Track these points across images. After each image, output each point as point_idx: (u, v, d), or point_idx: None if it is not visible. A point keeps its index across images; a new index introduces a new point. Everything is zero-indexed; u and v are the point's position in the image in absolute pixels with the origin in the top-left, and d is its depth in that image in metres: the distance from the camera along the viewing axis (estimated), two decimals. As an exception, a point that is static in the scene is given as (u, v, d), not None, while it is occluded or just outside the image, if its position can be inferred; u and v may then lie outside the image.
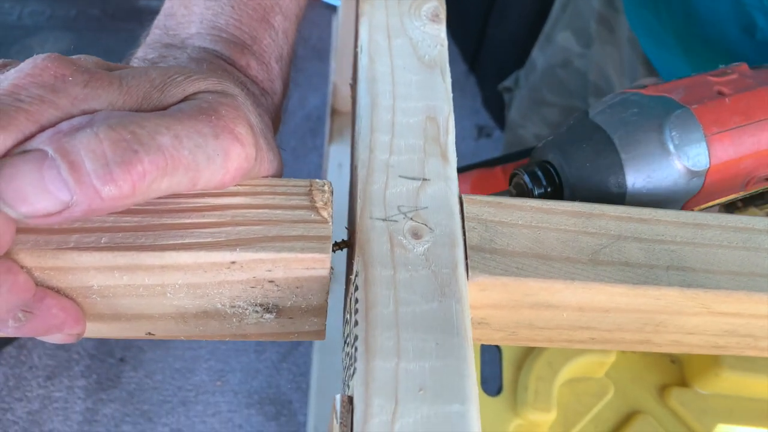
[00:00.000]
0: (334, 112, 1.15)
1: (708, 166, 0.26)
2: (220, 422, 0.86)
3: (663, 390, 0.46)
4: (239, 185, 0.21)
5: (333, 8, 1.48)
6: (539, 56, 0.72)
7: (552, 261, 0.22)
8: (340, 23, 1.00)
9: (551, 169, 0.27)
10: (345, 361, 0.22)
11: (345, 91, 1.14)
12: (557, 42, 0.68)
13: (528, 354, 0.43)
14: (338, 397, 0.18)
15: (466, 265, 0.21)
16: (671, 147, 0.25)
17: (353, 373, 0.19)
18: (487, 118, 1.17)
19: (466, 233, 0.22)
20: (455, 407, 0.18)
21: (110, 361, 0.89)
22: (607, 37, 0.59)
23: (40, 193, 0.17)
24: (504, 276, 0.21)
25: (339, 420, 0.18)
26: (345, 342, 0.23)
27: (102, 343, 0.91)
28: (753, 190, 0.29)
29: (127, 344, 0.92)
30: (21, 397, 0.87)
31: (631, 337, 0.25)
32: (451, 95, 0.26)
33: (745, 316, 0.24)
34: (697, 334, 0.25)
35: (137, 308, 0.21)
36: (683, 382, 0.47)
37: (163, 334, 0.23)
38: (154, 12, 1.04)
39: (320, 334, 0.24)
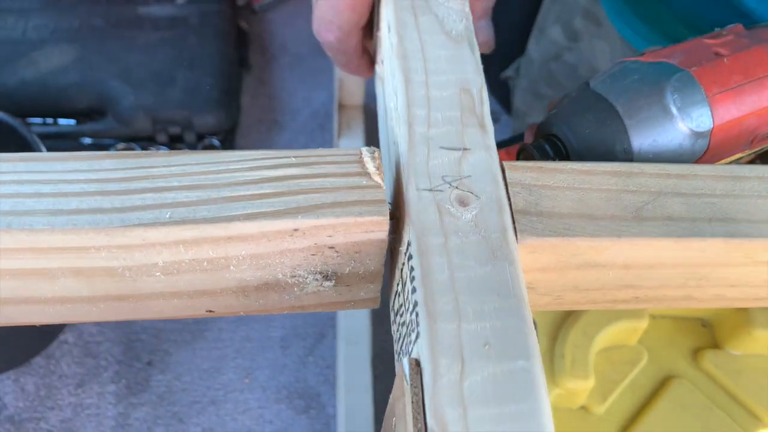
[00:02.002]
0: (342, 106, 1.16)
1: (711, 126, 0.26)
2: (250, 419, 0.87)
3: (696, 354, 0.47)
4: (288, 158, 0.22)
5: (331, 3, 1.48)
6: (534, 48, 0.72)
7: (597, 220, 0.22)
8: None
9: (558, 141, 0.27)
10: (400, 331, 0.23)
11: (351, 85, 1.15)
12: (549, 35, 0.68)
13: (561, 324, 0.44)
14: (405, 360, 0.19)
15: (515, 228, 0.22)
16: (674, 110, 0.25)
17: (416, 337, 0.19)
18: (494, 103, 1.17)
19: (511, 198, 0.22)
20: (520, 363, 0.18)
21: (138, 366, 0.90)
22: (594, 31, 0.59)
23: None
24: (552, 237, 0.22)
25: (409, 382, 0.18)
26: (397, 313, 0.24)
27: (128, 348, 0.92)
28: (758, 147, 0.29)
29: (153, 348, 0.93)
30: (53, 406, 0.88)
31: (673, 293, 0.26)
32: (482, 67, 0.26)
33: (788, 263, 0.24)
34: (739, 286, 0.26)
35: (199, 284, 0.22)
36: (715, 345, 0.47)
37: (223, 310, 0.24)
38: (155, 19, 1.05)
39: (375, 301, 0.25)
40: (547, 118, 0.28)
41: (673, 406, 0.44)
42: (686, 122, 0.25)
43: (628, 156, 0.26)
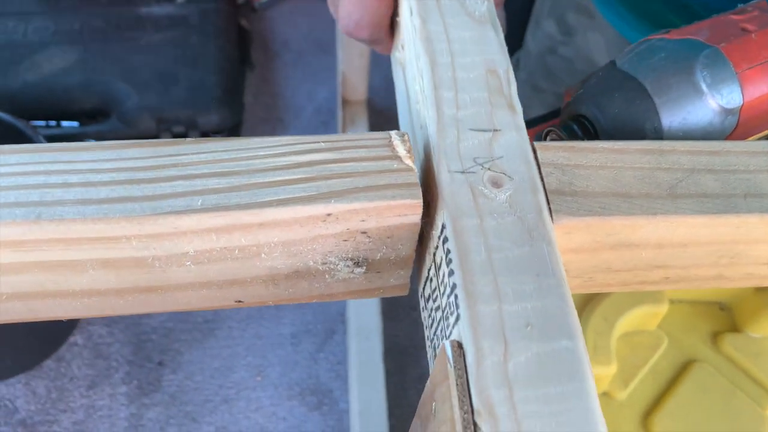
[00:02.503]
0: (345, 102, 1.15)
1: (741, 102, 0.26)
2: (263, 417, 0.87)
3: (716, 337, 0.46)
4: (317, 143, 0.21)
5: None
6: (531, 40, 0.72)
7: (632, 198, 0.22)
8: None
9: (586, 122, 0.27)
10: (433, 316, 0.23)
11: (354, 80, 1.15)
12: (544, 28, 0.68)
13: (582, 310, 0.43)
14: (447, 343, 0.18)
15: (549, 209, 0.21)
16: (704, 87, 0.25)
17: (456, 320, 0.19)
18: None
19: (544, 179, 0.22)
20: (564, 343, 0.18)
21: (149, 366, 0.90)
22: (588, 24, 0.59)
23: None
24: (588, 216, 0.21)
25: (453, 364, 0.18)
26: (429, 298, 0.23)
27: (139, 349, 0.92)
28: None
29: (164, 348, 0.92)
30: (65, 408, 0.88)
31: (705, 272, 0.25)
32: (506, 48, 0.26)
33: (823, 239, 0.24)
34: (772, 263, 0.25)
35: (229, 273, 0.22)
36: (735, 328, 0.47)
37: (252, 300, 0.23)
38: (156, 20, 1.04)
39: (404, 287, 0.24)
40: (575, 99, 0.27)
41: (695, 390, 0.44)
42: (716, 99, 0.25)
43: (658, 134, 0.25)
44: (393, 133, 0.22)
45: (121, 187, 0.20)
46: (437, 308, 0.22)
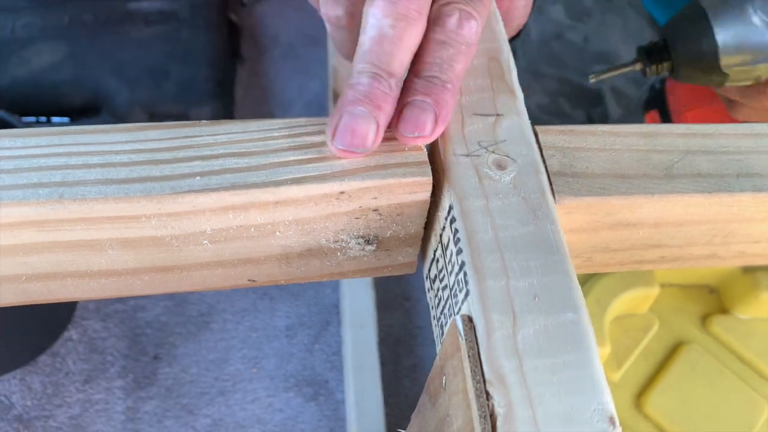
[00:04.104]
0: (336, 95, 1.15)
1: None
2: (260, 408, 0.87)
3: (705, 319, 0.48)
4: (324, 126, 0.22)
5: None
6: (532, 26, 0.73)
7: (630, 179, 0.23)
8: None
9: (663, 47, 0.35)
10: (440, 295, 0.23)
11: (344, 73, 1.15)
12: (549, 14, 0.68)
13: (577, 295, 0.44)
14: (458, 317, 0.19)
15: (552, 189, 0.22)
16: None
17: (465, 296, 0.20)
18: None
19: (546, 161, 0.23)
20: (569, 315, 0.19)
21: (144, 360, 0.90)
22: (606, 6, 0.60)
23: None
24: (588, 196, 0.22)
25: (464, 337, 0.19)
26: (436, 278, 0.24)
27: (134, 343, 0.92)
28: None
29: (159, 341, 0.93)
30: (61, 403, 0.88)
31: (699, 251, 0.26)
32: (506, 37, 0.27)
33: (810, 217, 0.25)
34: (762, 242, 0.26)
35: (244, 252, 0.22)
36: (723, 310, 0.48)
37: (265, 279, 0.24)
38: (145, 14, 1.04)
39: (412, 265, 0.25)
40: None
41: (685, 370, 0.45)
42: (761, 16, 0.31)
43: (713, 50, 0.33)
44: None
45: (140, 167, 0.20)
46: (444, 287, 0.22)
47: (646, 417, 0.43)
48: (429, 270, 0.25)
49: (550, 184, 0.22)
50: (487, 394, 0.18)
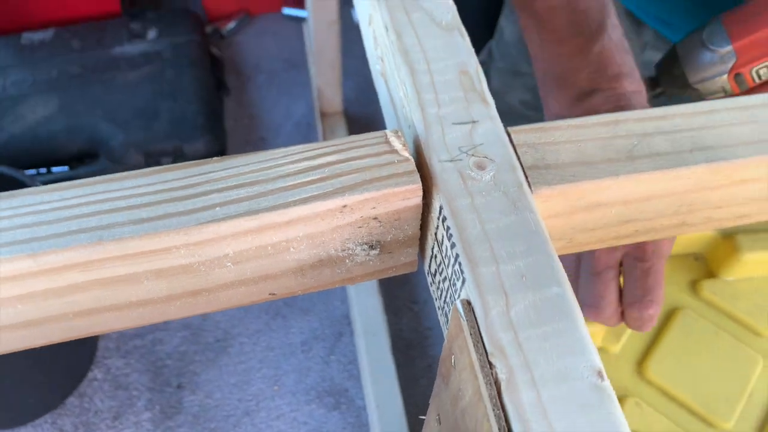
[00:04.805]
0: (323, 115, 1.19)
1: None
2: (285, 423, 0.89)
3: (694, 285, 0.50)
4: (324, 148, 0.24)
5: (298, 20, 1.51)
6: (506, 25, 0.75)
7: (596, 164, 0.25)
8: (313, 29, 1.04)
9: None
10: (441, 287, 0.26)
11: (329, 93, 1.18)
12: None
13: (570, 276, 0.47)
14: (458, 302, 0.22)
15: (528, 182, 0.25)
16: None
17: (462, 283, 0.22)
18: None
19: (520, 157, 0.25)
20: (554, 290, 0.22)
21: (169, 390, 0.93)
22: None
23: None
24: (561, 184, 0.25)
25: (465, 319, 0.21)
26: (436, 273, 0.26)
27: (157, 375, 0.94)
28: None
29: (181, 371, 0.95)
30: (94, 442, 0.90)
31: (668, 221, 0.29)
32: (473, 50, 0.29)
33: (760, 179, 0.27)
34: (725, 207, 0.29)
35: (263, 269, 0.25)
36: (710, 275, 0.51)
37: (283, 291, 0.26)
38: (129, 58, 1.07)
39: (413, 264, 0.27)
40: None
41: (681, 335, 0.47)
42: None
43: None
44: (387, 131, 0.25)
45: (166, 205, 0.23)
46: (444, 279, 0.25)
47: (649, 383, 0.46)
48: (429, 266, 0.28)
49: (526, 177, 0.25)
50: (490, 364, 0.20)
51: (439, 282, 0.26)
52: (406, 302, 0.99)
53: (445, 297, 0.25)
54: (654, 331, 0.48)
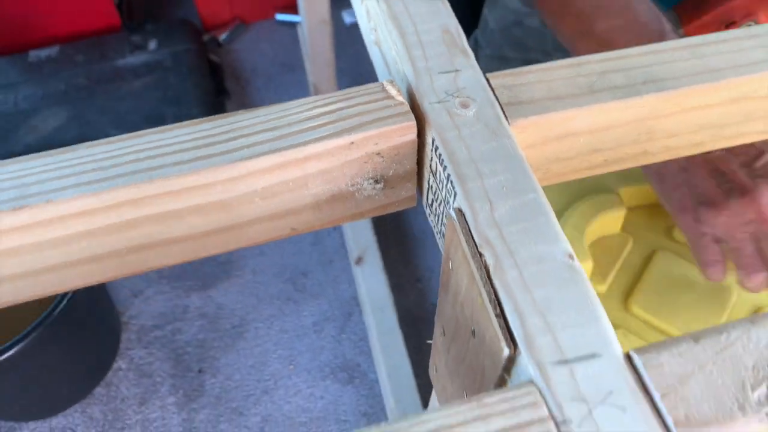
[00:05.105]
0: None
1: None
2: (303, 399, 0.93)
3: (670, 230, 0.54)
4: (332, 98, 0.29)
5: (291, 25, 1.55)
6: (489, 15, 0.78)
7: (563, 98, 0.29)
8: (306, 29, 1.08)
9: None
10: (436, 212, 0.30)
11: (325, 89, 1.22)
12: (504, 3, 0.73)
13: (556, 224, 0.51)
14: (452, 211, 0.26)
15: (505, 115, 0.29)
16: None
17: (454, 197, 0.26)
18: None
19: (498, 96, 0.30)
20: (530, 195, 0.26)
21: (190, 375, 0.96)
22: None
23: None
24: (534, 116, 0.29)
25: (457, 222, 0.25)
26: (432, 201, 0.31)
27: (178, 362, 0.98)
28: None
29: (201, 357, 0.99)
30: (122, 426, 0.94)
31: (632, 150, 0.33)
32: (453, 13, 0.34)
33: (707, 106, 0.31)
34: (679, 134, 0.33)
35: (285, 205, 0.29)
36: (685, 220, 0.55)
37: (303, 227, 0.30)
38: (133, 68, 1.11)
39: (413, 199, 0.31)
40: None
41: (661, 272, 0.51)
42: None
43: None
44: (383, 81, 0.29)
45: (203, 149, 0.27)
46: (440, 203, 0.29)
47: (635, 316, 0.50)
48: (427, 198, 0.32)
49: (503, 112, 0.29)
50: (480, 254, 0.24)
51: (435, 208, 0.30)
52: (411, 280, 1.03)
53: (441, 218, 0.29)
54: (636, 271, 0.52)
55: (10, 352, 0.70)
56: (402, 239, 1.08)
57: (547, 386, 0.21)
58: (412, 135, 0.28)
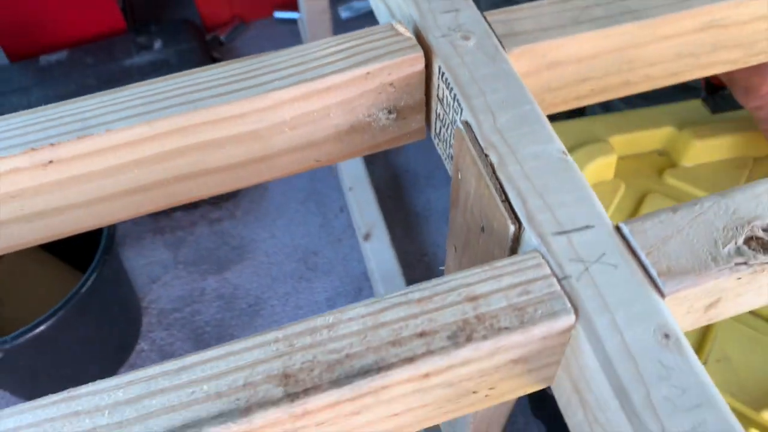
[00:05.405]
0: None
1: None
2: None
3: (660, 174, 0.58)
4: (348, 37, 0.32)
5: (290, 22, 1.59)
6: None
7: (551, 29, 0.33)
8: (306, 21, 1.11)
9: None
10: (445, 137, 0.33)
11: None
12: None
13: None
14: (459, 123, 0.29)
15: (502, 45, 0.32)
16: None
17: (461, 113, 0.30)
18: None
19: (495, 30, 0.33)
20: (527, 107, 0.29)
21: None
22: None
23: None
24: (527, 44, 0.32)
25: (464, 131, 0.29)
26: (441, 128, 0.34)
27: (198, 342, 1.01)
28: None
29: (220, 335, 1.02)
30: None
31: (615, 80, 0.37)
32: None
33: (680, 35, 0.35)
34: (657, 64, 0.36)
35: (310, 135, 0.32)
36: (673, 165, 0.58)
37: (326, 158, 0.34)
38: (140, 67, 1.14)
39: (422, 131, 0.35)
40: None
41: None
42: None
43: None
44: (392, 22, 0.33)
45: (238, 83, 0.30)
46: (447, 127, 0.33)
47: (629, 253, 0.53)
48: (435, 129, 0.35)
49: (500, 41, 0.32)
50: (486, 155, 0.28)
51: (443, 134, 0.34)
52: (417, 256, 1.06)
53: (449, 141, 0.33)
54: (629, 213, 0.56)
55: (45, 326, 0.74)
56: (405, 218, 1.11)
57: (549, 251, 0.24)
58: (421, 65, 0.32)
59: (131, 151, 0.30)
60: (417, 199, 1.14)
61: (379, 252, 1.00)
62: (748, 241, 0.24)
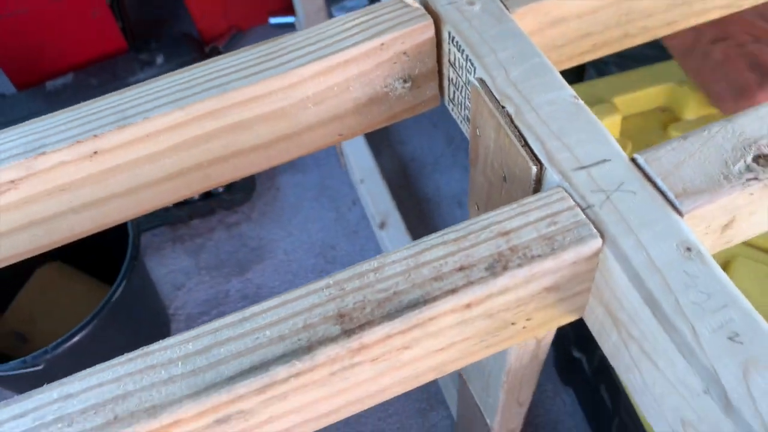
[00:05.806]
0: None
1: None
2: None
3: (665, 130, 0.59)
4: (360, 13, 0.34)
5: (286, 26, 1.61)
6: None
7: (551, -12, 0.34)
8: (304, 22, 1.13)
9: None
10: (461, 101, 0.35)
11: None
12: None
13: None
14: (474, 80, 0.31)
15: (506, 7, 0.34)
16: None
17: (474, 72, 0.31)
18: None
19: (497, -6, 0.34)
20: (536, 59, 0.31)
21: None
22: None
23: None
24: (528, 4, 0.34)
25: (480, 87, 0.30)
26: (454, 93, 0.35)
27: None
28: None
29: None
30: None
31: (615, 33, 0.38)
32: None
33: (675, -17, 0.36)
34: (653, 14, 0.38)
35: (332, 110, 0.34)
36: (676, 120, 0.60)
37: (349, 132, 0.35)
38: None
39: (436, 98, 0.36)
40: None
41: (660, 166, 0.56)
42: None
43: None
44: None
45: (262, 64, 0.32)
46: (461, 90, 0.34)
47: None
48: (449, 94, 0.37)
49: (504, 4, 0.34)
50: (502, 107, 0.29)
51: (457, 96, 0.35)
52: (429, 231, 1.08)
53: (464, 102, 0.34)
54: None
55: (80, 335, 0.76)
56: (417, 205, 1.13)
57: (571, 186, 0.26)
58: (431, 32, 0.33)
59: (168, 137, 0.32)
60: (426, 186, 1.15)
61: (395, 239, 1.02)
62: (756, 159, 0.26)
